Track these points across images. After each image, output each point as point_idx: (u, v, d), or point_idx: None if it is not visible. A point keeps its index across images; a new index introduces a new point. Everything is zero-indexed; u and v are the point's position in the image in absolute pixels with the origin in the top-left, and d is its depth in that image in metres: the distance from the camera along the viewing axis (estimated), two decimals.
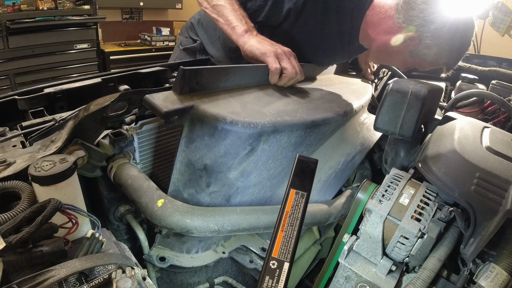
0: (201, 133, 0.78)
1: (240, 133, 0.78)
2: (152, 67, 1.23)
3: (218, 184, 0.83)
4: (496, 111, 1.37)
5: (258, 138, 0.80)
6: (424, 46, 1.03)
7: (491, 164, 0.73)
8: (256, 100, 0.91)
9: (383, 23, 1.09)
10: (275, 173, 0.91)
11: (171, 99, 0.76)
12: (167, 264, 0.85)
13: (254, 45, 1.02)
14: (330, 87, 1.23)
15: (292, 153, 0.90)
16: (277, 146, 0.85)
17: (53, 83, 1.05)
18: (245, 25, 1.05)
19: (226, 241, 0.97)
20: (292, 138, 0.87)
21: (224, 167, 0.81)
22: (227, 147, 0.79)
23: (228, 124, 0.76)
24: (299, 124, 0.87)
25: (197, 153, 0.80)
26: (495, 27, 2.13)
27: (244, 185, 0.86)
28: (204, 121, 0.77)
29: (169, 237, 0.87)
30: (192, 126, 0.79)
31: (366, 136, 1.18)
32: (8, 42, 3.12)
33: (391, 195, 0.77)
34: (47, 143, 0.80)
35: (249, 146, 0.80)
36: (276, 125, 0.81)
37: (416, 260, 0.73)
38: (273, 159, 0.87)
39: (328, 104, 1.02)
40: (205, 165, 0.81)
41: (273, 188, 0.93)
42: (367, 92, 1.34)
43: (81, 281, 0.51)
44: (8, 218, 0.53)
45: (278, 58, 1.00)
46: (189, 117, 0.78)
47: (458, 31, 1.00)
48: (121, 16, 4.37)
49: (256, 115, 0.81)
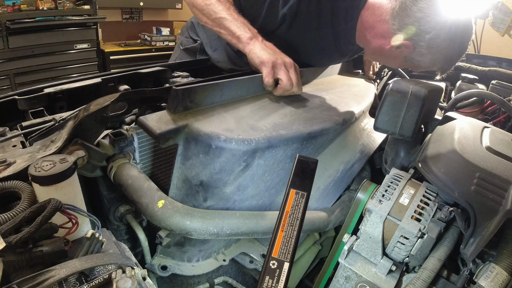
0: (196, 151, 0.79)
1: (234, 150, 0.78)
2: (152, 67, 1.23)
3: (215, 199, 0.83)
4: (496, 111, 1.37)
5: (252, 155, 0.81)
6: (418, 53, 1.03)
7: (491, 164, 0.73)
8: (251, 113, 0.91)
9: (378, 26, 1.08)
10: (273, 184, 0.91)
11: (165, 120, 0.77)
12: (168, 273, 0.86)
13: (256, 52, 1.02)
14: (331, 92, 1.22)
15: (289, 165, 0.90)
16: (272, 160, 0.85)
17: (53, 83, 1.05)
18: (248, 32, 1.05)
19: (227, 248, 0.97)
20: (288, 151, 0.87)
21: (220, 182, 0.82)
22: (222, 164, 0.79)
23: (222, 142, 0.77)
24: (295, 137, 0.86)
25: (193, 170, 0.81)
26: (495, 27, 2.13)
27: (241, 198, 0.86)
28: (198, 140, 0.78)
29: (170, 246, 0.88)
30: (187, 144, 0.79)
31: (366, 142, 1.17)
32: (8, 42, 3.13)
33: (391, 195, 0.77)
34: (47, 143, 0.80)
35: (244, 163, 0.81)
36: (271, 140, 0.81)
37: (416, 260, 0.73)
38: (269, 172, 0.87)
39: (326, 113, 1.01)
40: (201, 181, 0.81)
41: (271, 197, 0.93)
42: (369, 95, 1.32)
43: (81, 281, 0.51)
44: (8, 218, 0.53)
45: (276, 68, 0.99)
46: (184, 136, 0.78)
47: (454, 40, 1.00)
48: (121, 16, 4.37)
49: (250, 131, 0.81)
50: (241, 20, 1.07)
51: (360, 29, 1.14)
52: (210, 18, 1.10)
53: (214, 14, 1.08)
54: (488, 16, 2.09)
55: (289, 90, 1.02)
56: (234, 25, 1.06)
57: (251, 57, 1.03)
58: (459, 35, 1.01)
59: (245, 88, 0.98)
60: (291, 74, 1.01)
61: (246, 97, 0.98)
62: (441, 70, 1.10)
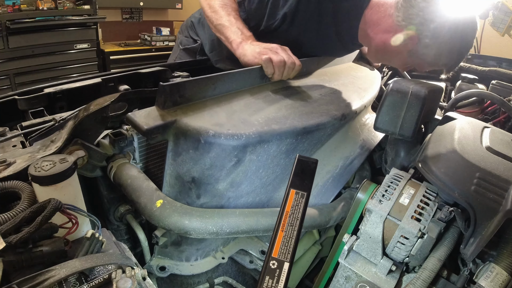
0: (185, 147, 0.78)
1: (224, 145, 0.77)
2: (152, 67, 1.23)
3: (208, 196, 0.82)
4: (496, 111, 1.37)
5: (243, 150, 0.79)
6: (423, 45, 1.03)
7: (491, 164, 0.73)
8: (245, 107, 0.89)
9: (383, 22, 1.08)
10: (269, 180, 0.89)
11: (153, 116, 0.76)
12: (167, 273, 0.86)
13: (246, 54, 1.04)
14: (334, 84, 1.20)
15: (284, 161, 0.89)
16: (266, 155, 0.84)
17: (53, 83, 1.05)
18: (240, 37, 1.07)
19: (225, 246, 0.96)
20: (282, 146, 0.85)
21: (212, 179, 0.81)
22: (213, 160, 0.78)
23: (211, 137, 0.76)
24: (288, 132, 0.84)
25: (184, 166, 0.80)
26: (495, 27, 2.13)
27: (235, 195, 0.85)
28: (187, 135, 0.77)
29: (167, 246, 0.87)
30: (177, 140, 0.78)
31: (367, 138, 1.15)
32: (8, 42, 3.12)
33: (391, 195, 0.77)
34: (47, 143, 0.80)
35: (235, 158, 0.79)
36: (262, 135, 0.80)
37: (416, 260, 0.73)
38: (264, 168, 0.86)
39: (325, 107, 1.00)
40: (193, 178, 0.80)
41: (268, 194, 0.92)
42: (373, 89, 1.29)
43: (81, 281, 0.51)
44: (8, 218, 0.53)
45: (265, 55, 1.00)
46: (173, 131, 0.77)
47: (458, 31, 0.99)
48: (121, 16, 4.37)
49: (241, 126, 0.80)
50: (237, 25, 1.09)
51: (363, 28, 1.14)
52: (213, 24, 1.15)
53: (216, 20, 1.12)
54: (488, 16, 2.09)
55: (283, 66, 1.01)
56: (229, 31, 1.09)
57: (242, 59, 1.05)
58: (463, 28, 1.00)
59: (240, 81, 0.97)
60: (280, 52, 1.02)
61: (241, 89, 0.97)
62: (446, 66, 1.09)
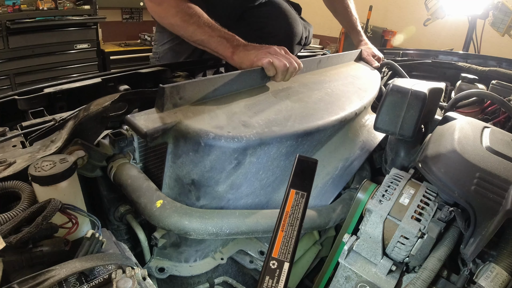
0: (185, 149, 0.78)
1: (224, 148, 0.76)
2: (152, 67, 1.23)
3: (207, 198, 0.82)
4: (496, 111, 1.37)
5: (243, 152, 0.79)
6: None
7: (491, 164, 0.73)
8: (245, 109, 0.89)
9: None
10: (268, 182, 0.89)
11: (153, 118, 0.75)
12: (166, 275, 0.85)
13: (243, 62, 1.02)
14: (333, 85, 1.19)
15: (284, 162, 0.88)
16: (266, 158, 0.83)
17: (53, 83, 1.05)
18: (228, 48, 1.05)
19: (224, 247, 0.96)
20: (282, 148, 0.85)
21: (212, 181, 0.80)
22: (213, 162, 0.78)
23: (211, 139, 0.75)
24: (289, 134, 0.84)
25: (184, 169, 0.79)
26: (495, 27, 2.13)
27: (235, 197, 0.85)
28: (187, 138, 0.76)
29: (166, 248, 0.87)
30: (177, 142, 0.78)
31: (367, 139, 1.15)
32: (8, 42, 3.13)
33: (391, 195, 0.77)
34: (47, 143, 0.80)
35: (235, 160, 0.79)
36: (262, 137, 0.79)
37: (416, 260, 0.73)
38: (263, 170, 0.85)
39: (324, 109, 0.99)
40: (193, 180, 0.80)
41: (267, 195, 0.92)
42: (373, 90, 1.29)
43: (81, 281, 0.51)
44: (8, 218, 0.53)
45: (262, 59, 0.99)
46: (173, 134, 0.77)
47: None
48: (121, 16, 4.37)
49: (241, 128, 0.79)
50: (217, 34, 1.07)
51: None
52: (190, 41, 1.13)
53: (191, 37, 1.11)
54: (488, 16, 2.09)
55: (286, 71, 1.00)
56: (212, 44, 1.07)
57: (240, 67, 1.04)
58: None
59: (241, 81, 0.96)
60: (280, 56, 1.01)
61: (242, 90, 0.96)
62: None
